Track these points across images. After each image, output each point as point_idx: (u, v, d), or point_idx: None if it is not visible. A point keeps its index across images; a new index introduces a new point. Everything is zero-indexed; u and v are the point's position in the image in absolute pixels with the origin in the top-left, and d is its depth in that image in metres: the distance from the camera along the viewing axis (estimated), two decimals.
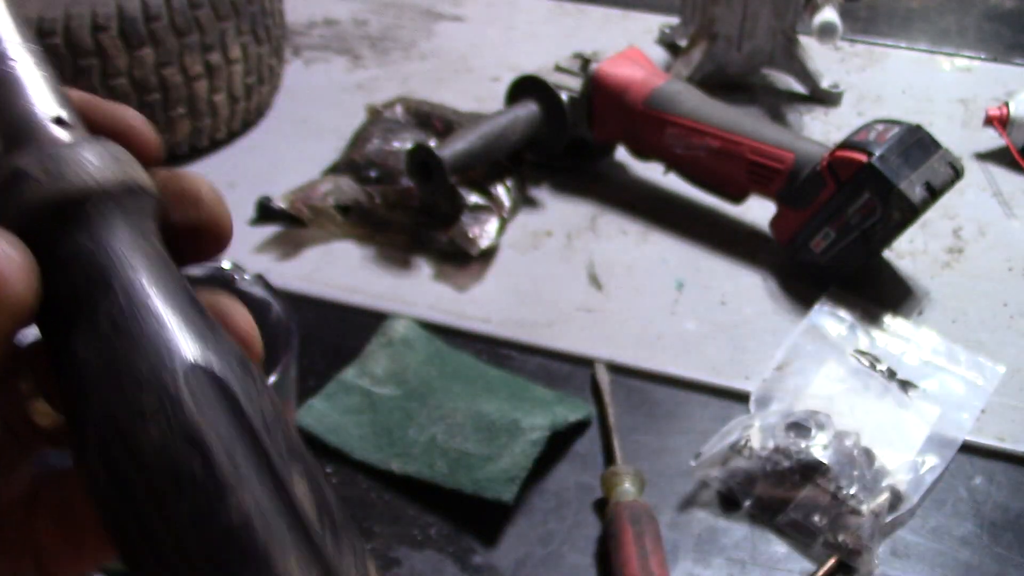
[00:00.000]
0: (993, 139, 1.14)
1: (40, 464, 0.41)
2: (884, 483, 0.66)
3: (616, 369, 0.79)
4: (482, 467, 0.67)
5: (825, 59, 1.37)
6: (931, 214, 0.96)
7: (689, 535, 0.65)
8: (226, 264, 0.65)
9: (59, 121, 0.26)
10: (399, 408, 0.72)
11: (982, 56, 1.40)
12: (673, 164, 0.98)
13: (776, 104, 1.24)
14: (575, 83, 1.01)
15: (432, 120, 1.05)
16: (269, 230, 0.94)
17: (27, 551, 0.29)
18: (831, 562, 0.62)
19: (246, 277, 0.64)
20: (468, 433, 0.69)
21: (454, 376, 0.76)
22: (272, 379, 0.56)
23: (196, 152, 1.07)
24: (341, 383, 0.75)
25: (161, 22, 0.94)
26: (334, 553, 0.24)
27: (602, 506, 0.66)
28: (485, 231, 0.88)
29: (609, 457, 0.70)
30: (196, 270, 0.64)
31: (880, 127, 0.85)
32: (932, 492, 0.68)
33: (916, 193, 0.81)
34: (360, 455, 0.69)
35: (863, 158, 0.82)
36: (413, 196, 0.92)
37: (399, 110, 1.07)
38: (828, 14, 1.08)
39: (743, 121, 0.92)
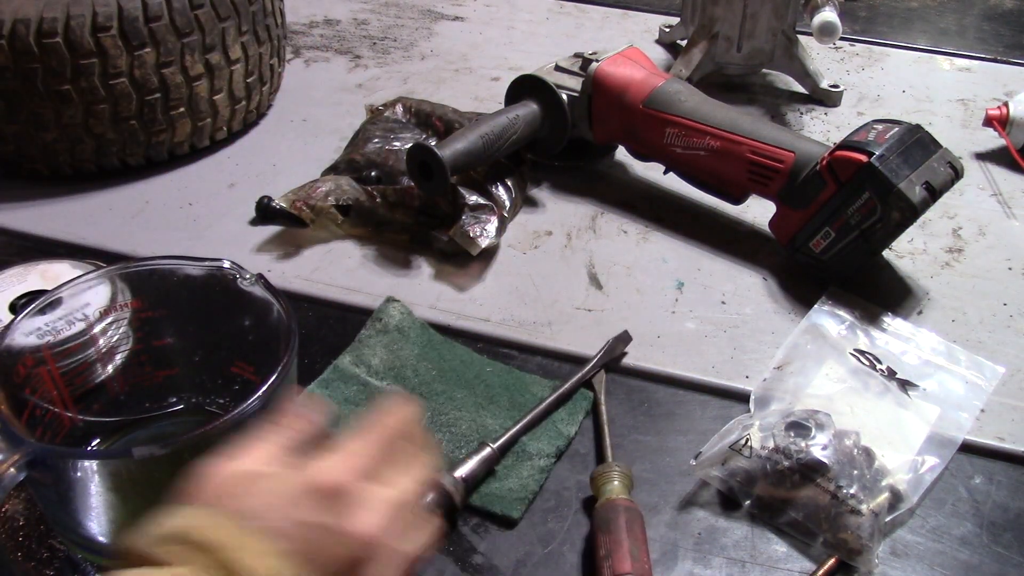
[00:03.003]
0: (993, 139, 1.14)
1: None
2: (884, 483, 0.66)
3: (616, 369, 0.79)
4: (488, 483, 0.67)
5: (825, 59, 1.37)
6: (931, 214, 0.96)
7: (689, 535, 0.65)
8: (226, 264, 0.65)
9: None
10: None
11: (982, 56, 1.40)
12: (673, 164, 0.98)
13: (776, 104, 1.24)
14: (575, 83, 1.01)
15: (432, 120, 1.05)
16: (269, 230, 0.94)
17: None
18: (831, 562, 0.62)
19: (246, 277, 0.64)
20: (473, 447, 0.70)
21: (454, 380, 0.76)
22: (272, 379, 0.56)
23: (196, 152, 1.07)
24: (338, 370, 0.75)
25: (161, 22, 0.94)
26: None
27: (591, 505, 0.66)
28: (485, 231, 0.88)
29: (600, 456, 0.70)
30: (195, 270, 0.64)
31: (880, 127, 0.85)
32: (932, 492, 0.68)
33: (916, 193, 0.81)
34: None
35: (863, 158, 0.82)
36: (413, 196, 0.92)
37: (399, 110, 1.07)
38: (828, 14, 1.08)
39: (743, 121, 0.92)
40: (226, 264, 0.65)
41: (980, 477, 0.70)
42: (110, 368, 0.67)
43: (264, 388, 0.55)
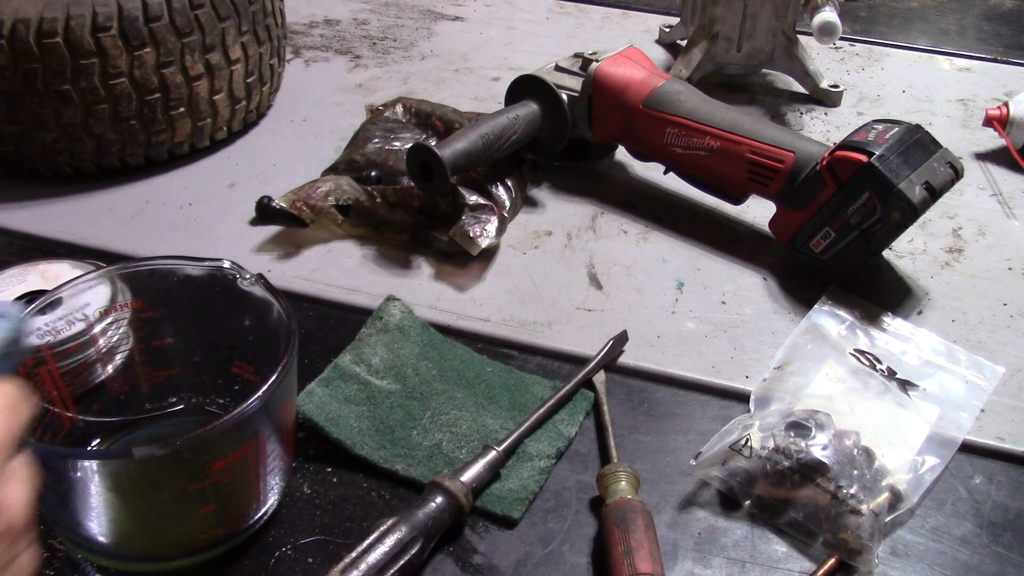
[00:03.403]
0: (993, 139, 1.14)
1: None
2: (884, 483, 0.66)
3: (616, 369, 0.79)
4: (488, 484, 0.67)
5: (825, 59, 1.37)
6: (931, 214, 0.96)
7: (689, 535, 0.65)
8: (226, 264, 0.65)
9: None
10: (399, 406, 0.73)
11: (982, 56, 1.40)
12: (673, 164, 0.98)
13: (776, 104, 1.24)
14: (575, 83, 1.01)
15: (432, 120, 1.05)
16: (269, 230, 0.94)
17: None
18: (831, 562, 0.62)
19: (246, 277, 0.64)
20: (474, 447, 0.70)
21: (455, 379, 0.76)
22: (272, 379, 0.56)
23: (196, 152, 1.07)
24: (338, 369, 0.75)
25: (161, 22, 0.94)
26: None
27: (598, 505, 0.66)
28: (485, 231, 0.88)
29: (605, 456, 0.70)
30: (195, 270, 0.64)
31: (880, 127, 0.85)
32: (932, 492, 0.68)
33: (916, 193, 0.81)
34: (361, 450, 0.69)
35: (863, 158, 0.82)
36: (413, 196, 0.92)
37: (399, 110, 1.07)
38: (828, 14, 1.08)
39: (743, 121, 0.92)
40: (226, 264, 0.65)
41: (980, 477, 0.70)
42: (110, 368, 0.67)
43: (264, 388, 0.55)
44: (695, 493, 0.68)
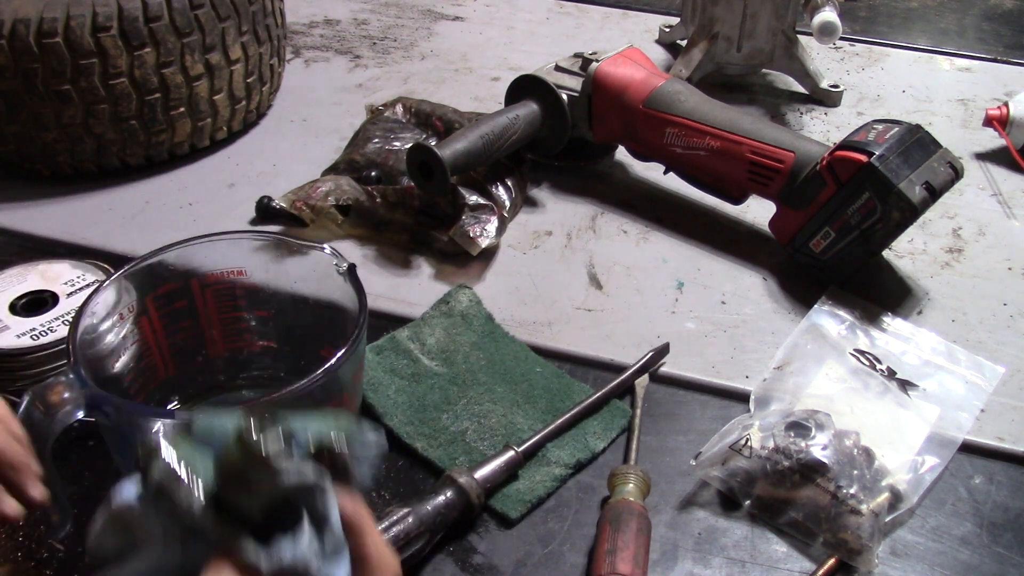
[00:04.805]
0: (993, 139, 1.14)
1: None
2: (884, 483, 0.66)
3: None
4: (505, 483, 0.67)
5: (825, 59, 1.37)
6: (931, 214, 0.96)
7: (689, 535, 0.65)
8: (326, 250, 0.66)
9: None
10: (439, 388, 0.74)
11: (982, 56, 1.40)
12: (673, 164, 0.98)
13: (776, 104, 1.24)
14: (575, 83, 1.01)
15: (432, 120, 1.05)
16: (269, 230, 0.94)
17: None
18: (831, 562, 0.62)
19: (341, 267, 0.66)
20: (497, 442, 0.70)
21: (501, 374, 0.76)
22: (339, 354, 0.58)
23: (196, 152, 1.07)
24: (394, 340, 0.77)
25: (161, 22, 0.94)
26: None
27: (601, 505, 0.66)
28: (485, 231, 0.88)
29: (625, 455, 0.70)
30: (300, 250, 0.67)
31: (879, 127, 0.85)
32: (932, 492, 0.68)
33: (916, 193, 0.81)
34: (390, 421, 0.71)
35: (863, 158, 0.82)
36: (413, 196, 0.92)
37: (399, 110, 1.07)
38: (828, 14, 1.08)
39: (743, 121, 0.92)
40: (326, 250, 0.67)
41: (980, 477, 0.70)
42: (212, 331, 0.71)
43: (331, 363, 0.57)
44: (695, 493, 0.68)
